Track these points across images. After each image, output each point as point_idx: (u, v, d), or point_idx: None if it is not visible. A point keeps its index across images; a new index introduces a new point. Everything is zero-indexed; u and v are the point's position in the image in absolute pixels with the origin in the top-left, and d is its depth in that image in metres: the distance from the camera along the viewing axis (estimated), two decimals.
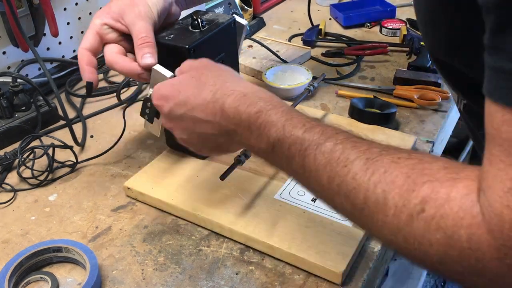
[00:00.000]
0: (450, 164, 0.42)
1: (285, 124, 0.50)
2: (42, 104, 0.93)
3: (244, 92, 0.55)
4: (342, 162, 0.46)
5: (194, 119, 0.57)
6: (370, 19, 1.31)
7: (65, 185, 0.80)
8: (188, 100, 0.57)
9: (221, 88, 0.55)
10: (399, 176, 0.42)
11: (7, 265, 0.61)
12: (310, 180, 0.49)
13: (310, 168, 0.48)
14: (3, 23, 0.94)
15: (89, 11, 1.13)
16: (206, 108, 0.55)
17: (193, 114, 0.57)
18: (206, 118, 0.56)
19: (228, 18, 0.77)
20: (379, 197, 0.42)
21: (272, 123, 0.51)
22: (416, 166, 0.42)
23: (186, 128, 0.59)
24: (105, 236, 0.70)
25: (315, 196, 0.52)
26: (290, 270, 0.64)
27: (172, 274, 0.64)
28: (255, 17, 1.35)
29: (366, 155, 0.45)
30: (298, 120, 0.50)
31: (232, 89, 0.55)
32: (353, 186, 0.44)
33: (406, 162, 0.43)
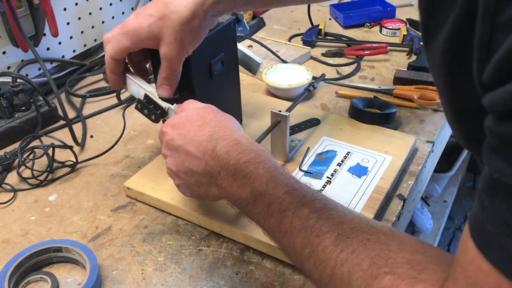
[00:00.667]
0: (415, 258, 0.42)
1: (269, 180, 0.52)
2: (42, 104, 0.93)
3: (238, 140, 0.57)
4: (316, 231, 0.48)
5: (187, 152, 0.59)
6: (370, 19, 1.32)
7: (65, 185, 0.80)
8: (188, 135, 0.59)
9: (219, 131, 0.58)
10: (365, 259, 0.43)
11: (7, 265, 0.62)
12: (284, 241, 0.51)
13: (286, 229, 0.50)
14: (3, 23, 0.94)
15: (89, 11, 1.13)
16: (200, 145, 0.58)
17: (187, 148, 0.59)
18: (196, 154, 0.58)
19: (228, 18, 0.77)
20: (344, 276, 0.44)
21: (257, 176, 0.53)
22: (382, 253, 0.43)
23: (177, 161, 0.61)
24: (105, 236, 0.70)
25: (285, 255, 0.53)
26: (290, 270, 0.64)
27: (172, 274, 0.64)
28: (255, 17, 1.35)
29: (338, 230, 0.46)
30: (282, 179, 0.52)
31: (229, 135, 0.57)
32: (323, 258, 0.46)
33: (373, 246, 0.44)
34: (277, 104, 0.94)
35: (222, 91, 0.81)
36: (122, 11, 1.22)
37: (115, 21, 1.21)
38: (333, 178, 0.75)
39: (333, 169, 0.77)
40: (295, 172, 0.76)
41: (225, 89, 0.82)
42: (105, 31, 1.19)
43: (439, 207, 1.99)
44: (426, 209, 1.84)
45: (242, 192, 0.54)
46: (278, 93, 0.99)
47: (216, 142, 0.57)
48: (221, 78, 0.79)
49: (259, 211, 0.53)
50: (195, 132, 0.59)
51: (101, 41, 1.18)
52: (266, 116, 0.87)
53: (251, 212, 0.55)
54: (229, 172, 0.55)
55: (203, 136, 0.58)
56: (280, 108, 0.78)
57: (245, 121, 0.89)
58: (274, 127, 0.76)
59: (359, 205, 0.70)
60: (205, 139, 0.58)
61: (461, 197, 2.28)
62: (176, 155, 0.61)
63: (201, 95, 0.75)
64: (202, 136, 0.58)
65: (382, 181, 0.74)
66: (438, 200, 2.01)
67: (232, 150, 0.56)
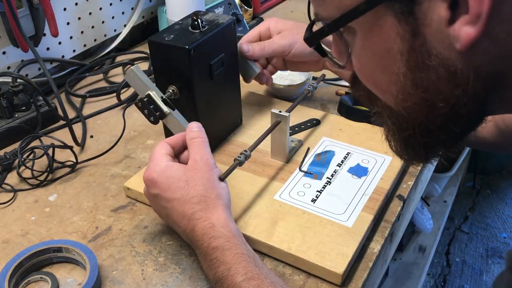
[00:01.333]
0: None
1: (231, 268, 0.56)
2: (42, 104, 0.93)
3: (213, 223, 0.60)
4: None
5: (169, 214, 0.63)
6: None
7: (65, 185, 0.80)
8: (172, 203, 0.62)
9: (201, 210, 0.61)
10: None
11: (7, 265, 0.62)
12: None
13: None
14: (3, 23, 0.94)
15: (89, 11, 1.13)
16: (183, 219, 0.61)
17: (171, 214, 0.63)
18: (179, 224, 0.62)
19: (228, 19, 0.77)
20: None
21: (222, 262, 0.57)
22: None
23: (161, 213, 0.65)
24: (105, 236, 0.70)
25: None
26: (290, 271, 0.64)
27: (172, 274, 0.64)
28: (255, 17, 1.35)
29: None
30: (243, 267, 0.56)
31: (207, 216, 0.60)
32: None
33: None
34: (277, 104, 0.94)
35: (222, 91, 0.81)
36: (122, 11, 1.22)
37: (115, 21, 1.21)
38: (333, 179, 0.75)
39: (333, 169, 0.77)
40: (295, 173, 0.76)
41: (225, 89, 0.82)
42: (105, 31, 1.19)
43: (439, 207, 1.99)
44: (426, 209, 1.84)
45: (208, 273, 0.59)
46: (278, 93, 0.99)
47: (195, 223, 0.60)
48: (221, 78, 0.79)
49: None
50: (179, 204, 0.61)
51: (101, 41, 1.19)
52: (266, 117, 0.87)
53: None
54: (201, 252, 0.59)
55: (185, 212, 0.61)
56: (280, 108, 0.78)
57: (245, 121, 0.89)
58: (274, 127, 0.76)
59: (359, 206, 0.70)
60: (186, 216, 0.61)
61: (461, 197, 2.28)
62: (159, 209, 0.65)
63: (201, 95, 0.75)
64: (185, 212, 0.61)
65: (382, 181, 0.74)
66: (438, 200, 2.01)
67: (206, 233, 0.59)
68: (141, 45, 1.26)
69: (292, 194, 0.72)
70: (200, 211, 0.61)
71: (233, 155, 0.74)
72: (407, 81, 0.41)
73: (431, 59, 0.39)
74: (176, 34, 0.73)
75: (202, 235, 0.59)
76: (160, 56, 0.73)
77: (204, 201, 0.61)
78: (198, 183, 0.62)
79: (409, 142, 0.46)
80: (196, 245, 0.61)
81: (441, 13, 0.37)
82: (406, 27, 0.39)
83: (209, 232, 0.59)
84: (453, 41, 0.37)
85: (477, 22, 0.35)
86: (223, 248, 0.57)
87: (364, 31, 0.42)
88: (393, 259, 1.73)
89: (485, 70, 0.39)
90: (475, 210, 2.27)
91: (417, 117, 0.43)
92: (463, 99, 0.40)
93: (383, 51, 0.41)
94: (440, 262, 2.03)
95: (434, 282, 1.95)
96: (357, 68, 0.46)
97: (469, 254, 2.06)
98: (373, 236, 0.68)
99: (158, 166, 0.63)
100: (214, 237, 0.58)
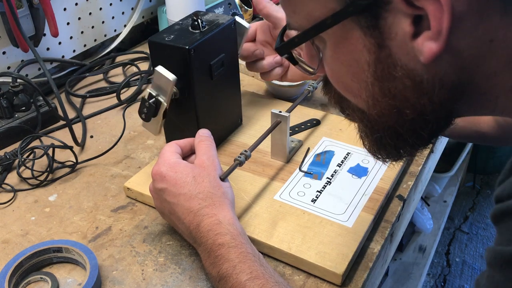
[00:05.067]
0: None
1: (236, 266, 0.56)
2: (42, 104, 0.93)
3: (220, 219, 0.60)
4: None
5: (174, 210, 0.63)
6: None
7: (65, 186, 0.80)
8: (179, 197, 0.62)
9: (207, 207, 0.61)
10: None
11: (7, 265, 0.62)
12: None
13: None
14: (3, 23, 0.94)
15: (89, 11, 1.13)
16: (188, 214, 0.61)
17: (176, 209, 0.62)
18: (183, 220, 0.62)
19: (228, 19, 0.77)
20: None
21: (227, 260, 0.57)
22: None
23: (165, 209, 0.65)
24: (105, 236, 0.70)
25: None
26: (290, 271, 0.64)
27: (172, 274, 0.64)
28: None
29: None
30: (248, 266, 0.56)
31: (214, 213, 0.60)
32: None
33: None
34: (277, 104, 0.94)
35: (222, 92, 0.81)
36: (122, 11, 1.22)
37: (115, 21, 1.21)
38: (333, 179, 0.75)
39: (333, 169, 0.77)
40: (295, 173, 0.76)
41: (225, 89, 0.82)
42: (105, 31, 1.19)
43: (439, 207, 1.99)
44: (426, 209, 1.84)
45: (212, 270, 0.58)
46: (278, 93, 0.99)
47: (201, 218, 0.60)
48: (222, 79, 0.79)
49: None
50: (185, 199, 0.62)
51: (101, 41, 1.19)
52: (266, 117, 0.87)
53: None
54: (205, 248, 0.59)
55: (192, 207, 0.61)
56: (280, 108, 0.78)
57: (245, 121, 0.89)
58: (274, 127, 0.76)
59: (359, 206, 0.70)
60: (193, 211, 0.61)
61: (461, 197, 2.28)
62: (164, 204, 0.64)
63: (201, 95, 0.75)
64: (191, 207, 0.61)
65: (382, 181, 0.74)
66: (438, 200, 2.01)
67: (211, 230, 0.59)
68: (141, 45, 1.26)
69: (292, 194, 0.72)
70: (207, 207, 0.61)
71: (233, 155, 0.74)
72: (376, 89, 0.43)
73: (397, 70, 0.41)
74: (176, 34, 0.73)
75: (208, 231, 0.59)
76: (160, 56, 0.73)
77: (210, 198, 0.62)
78: (205, 180, 0.63)
79: (381, 142, 0.47)
80: (200, 242, 0.60)
81: (405, 28, 0.38)
82: (372, 40, 0.40)
83: (215, 228, 0.59)
84: (417, 54, 0.39)
85: (438, 38, 0.37)
86: (229, 246, 0.57)
87: (334, 42, 0.43)
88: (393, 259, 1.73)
89: (450, 80, 0.40)
90: (475, 210, 2.27)
91: (386, 121, 0.44)
92: (429, 107, 0.41)
93: (352, 61, 0.43)
94: (440, 262, 2.03)
95: (434, 282, 1.95)
96: (328, 74, 0.48)
97: (469, 254, 2.06)
98: (373, 236, 0.68)
99: (167, 162, 0.64)
100: (220, 233, 0.58)
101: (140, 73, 1.08)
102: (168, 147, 0.67)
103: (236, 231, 0.59)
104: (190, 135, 0.72)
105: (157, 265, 0.65)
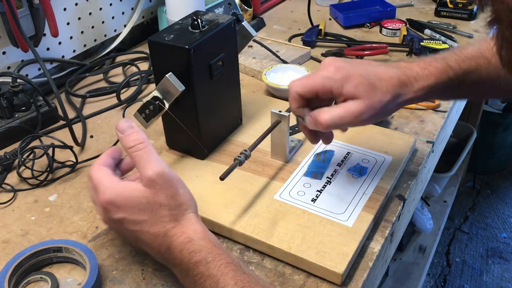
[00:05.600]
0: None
1: (219, 280, 0.54)
2: (42, 104, 0.93)
3: (191, 237, 0.57)
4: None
5: (139, 238, 0.59)
6: (370, 19, 1.31)
7: (65, 185, 0.80)
8: (141, 224, 0.58)
9: (173, 228, 0.58)
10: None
11: (7, 265, 0.61)
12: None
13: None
14: (3, 23, 0.94)
15: (89, 11, 1.13)
16: (155, 239, 0.58)
17: (141, 236, 0.59)
18: (152, 244, 0.59)
19: (228, 19, 0.77)
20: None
21: (208, 277, 0.54)
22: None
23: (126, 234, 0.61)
24: (105, 236, 0.70)
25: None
26: (290, 271, 0.64)
27: (172, 274, 0.64)
28: (255, 17, 1.35)
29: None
30: (231, 277, 0.54)
31: (182, 231, 0.57)
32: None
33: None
34: (277, 104, 0.94)
35: (222, 92, 0.81)
36: (122, 11, 1.22)
37: (115, 21, 1.21)
38: (333, 178, 0.75)
39: (333, 169, 0.77)
40: (295, 172, 0.76)
41: (225, 89, 0.82)
42: (105, 31, 1.19)
43: (439, 207, 1.99)
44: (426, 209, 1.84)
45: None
46: (278, 94, 0.99)
47: (171, 240, 0.57)
48: (221, 79, 0.79)
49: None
50: (148, 225, 0.58)
51: (101, 41, 1.19)
52: (266, 117, 0.87)
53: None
54: (182, 269, 0.57)
55: (157, 232, 0.58)
56: (280, 108, 0.78)
57: (245, 121, 0.89)
58: (274, 127, 0.76)
59: (359, 206, 0.70)
60: (159, 235, 0.58)
61: (461, 197, 2.28)
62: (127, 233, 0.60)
63: (201, 95, 0.75)
64: (157, 232, 0.58)
65: (382, 181, 0.74)
66: (438, 200, 2.01)
67: (184, 249, 0.56)
68: (141, 45, 1.26)
69: (292, 193, 0.72)
70: (173, 228, 0.57)
71: (233, 155, 0.74)
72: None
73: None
74: (176, 34, 0.73)
75: (180, 252, 0.56)
76: (160, 56, 0.73)
77: (173, 217, 0.58)
78: (163, 203, 0.58)
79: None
80: (174, 263, 0.57)
81: None
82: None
83: (188, 247, 0.56)
84: None
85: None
86: (206, 261, 0.55)
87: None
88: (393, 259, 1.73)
89: None
90: (475, 210, 2.27)
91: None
92: None
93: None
94: (440, 262, 2.03)
95: (434, 282, 1.95)
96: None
97: (469, 254, 2.06)
98: (373, 236, 0.68)
99: (113, 189, 0.58)
100: (194, 251, 0.56)
101: (140, 73, 1.08)
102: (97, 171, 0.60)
103: (210, 244, 0.57)
104: (190, 135, 0.73)
105: (157, 265, 0.65)
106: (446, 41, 1.18)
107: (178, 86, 0.71)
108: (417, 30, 1.28)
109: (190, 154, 0.81)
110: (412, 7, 1.43)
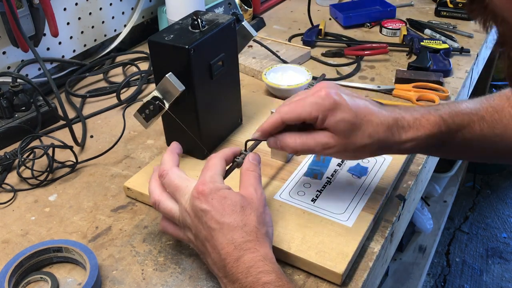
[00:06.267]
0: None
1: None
2: (42, 104, 0.93)
3: (264, 256, 0.55)
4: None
5: (211, 237, 0.57)
6: (370, 19, 1.32)
7: (65, 185, 0.80)
8: (222, 225, 0.57)
9: (251, 241, 0.56)
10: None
11: (7, 265, 0.62)
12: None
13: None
14: (3, 23, 0.94)
15: (89, 11, 1.13)
16: (228, 245, 0.56)
17: (215, 236, 0.57)
18: (220, 250, 0.56)
19: (228, 18, 0.77)
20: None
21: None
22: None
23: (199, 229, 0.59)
24: (105, 236, 0.70)
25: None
26: (290, 271, 0.64)
27: (172, 274, 0.64)
28: (255, 17, 1.35)
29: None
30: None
31: (257, 248, 0.55)
32: None
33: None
34: (277, 104, 0.94)
35: (222, 91, 0.81)
36: (122, 11, 1.22)
37: (115, 21, 1.21)
38: (333, 178, 0.75)
39: (333, 169, 0.77)
40: (295, 172, 0.76)
41: (225, 89, 0.82)
42: (105, 31, 1.19)
43: (439, 207, 1.99)
44: (426, 209, 1.84)
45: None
46: (278, 93, 0.99)
47: (243, 253, 0.55)
48: (221, 78, 0.79)
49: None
50: (229, 228, 0.56)
51: (101, 41, 1.19)
52: (266, 116, 0.87)
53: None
54: (241, 286, 0.54)
55: (235, 239, 0.56)
56: None
57: (245, 121, 0.89)
58: None
59: (359, 206, 0.70)
60: (234, 243, 0.56)
61: (461, 197, 2.28)
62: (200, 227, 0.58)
63: (201, 95, 0.75)
64: (234, 239, 0.56)
65: (382, 181, 0.74)
66: (438, 200, 2.01)
67: (254, 266, 0.54)
68: (141, 45, 1.26)
69: (292, 193, 0.72)
70: (250, 242, 0.55)
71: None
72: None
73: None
74: (176, 34, 0.73)
75: (249, 268, 0.54)
76: (160, 56, 0.73)
77: (255, 233, 0.56)
78: (253, 213, 0.58)
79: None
80: (235, 278, 0.54)
81: None
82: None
83: (258, 265, 0.54)
84: None
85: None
86: (275, 285, 0.52)
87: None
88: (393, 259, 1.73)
89: None
90: (475, 210, 2.27)
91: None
92: None
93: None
94: (440, 262, 2.03)
95: (434, 282, 1.95)
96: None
97: (469, 254, 2.06)
98: (373, 236, 0.68)
99: (216, 184, 0.59)
100: (264, 271, 0.53)
101: (140, 73, 1.08)
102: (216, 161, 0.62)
103: (280, 271, 0.55)
104: (190, 135, 0.72)
105: (157, 265, 0.65)
106: (446, 41, 1.18)
107: (178, 86, 0.71)
108: (417, 30, 1.28)
109: (190, 154, 0.81)
110: (412, 7, 1.43)
